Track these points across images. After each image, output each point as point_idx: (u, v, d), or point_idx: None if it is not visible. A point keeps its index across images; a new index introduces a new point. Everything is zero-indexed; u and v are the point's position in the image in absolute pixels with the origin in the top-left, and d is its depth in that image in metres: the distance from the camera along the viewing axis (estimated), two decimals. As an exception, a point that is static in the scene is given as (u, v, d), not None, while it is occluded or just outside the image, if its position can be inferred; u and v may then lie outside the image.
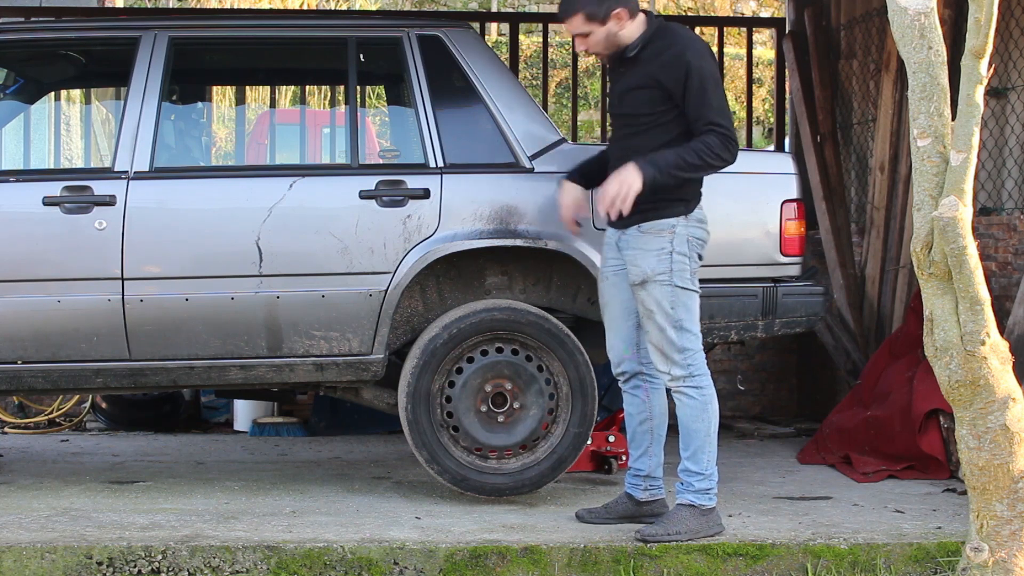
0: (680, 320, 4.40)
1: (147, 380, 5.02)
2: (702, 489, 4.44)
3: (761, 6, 19.88)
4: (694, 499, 4.44)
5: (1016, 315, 5.61)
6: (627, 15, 4.42)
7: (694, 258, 4.45)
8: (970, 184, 3.70)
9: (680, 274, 4.40)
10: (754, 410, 8.08)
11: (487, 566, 4.29)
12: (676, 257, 4.40)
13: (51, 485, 5.38)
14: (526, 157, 5.07)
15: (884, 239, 7.12)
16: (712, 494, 4.46)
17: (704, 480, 4.45)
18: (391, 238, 4.97)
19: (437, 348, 4.92)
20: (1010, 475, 3.80)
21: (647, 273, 4.40)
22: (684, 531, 4.39)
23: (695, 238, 4.45)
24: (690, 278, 4.43)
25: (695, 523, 4.41)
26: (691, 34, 4.51)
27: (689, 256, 4.42)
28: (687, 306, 4.42)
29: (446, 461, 4.94)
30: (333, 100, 9.66)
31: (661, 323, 4.40)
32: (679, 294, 4.40)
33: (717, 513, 4.48)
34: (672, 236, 4.40)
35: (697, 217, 4.47)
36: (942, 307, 3.79)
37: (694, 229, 4.44)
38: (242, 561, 4.27)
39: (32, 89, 6.11)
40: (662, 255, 4.39)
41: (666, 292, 4.39)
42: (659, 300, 4.40)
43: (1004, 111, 6.33)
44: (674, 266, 4.40)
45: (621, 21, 4.43)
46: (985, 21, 3.59)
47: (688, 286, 4.42)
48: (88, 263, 4.92)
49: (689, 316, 4.42)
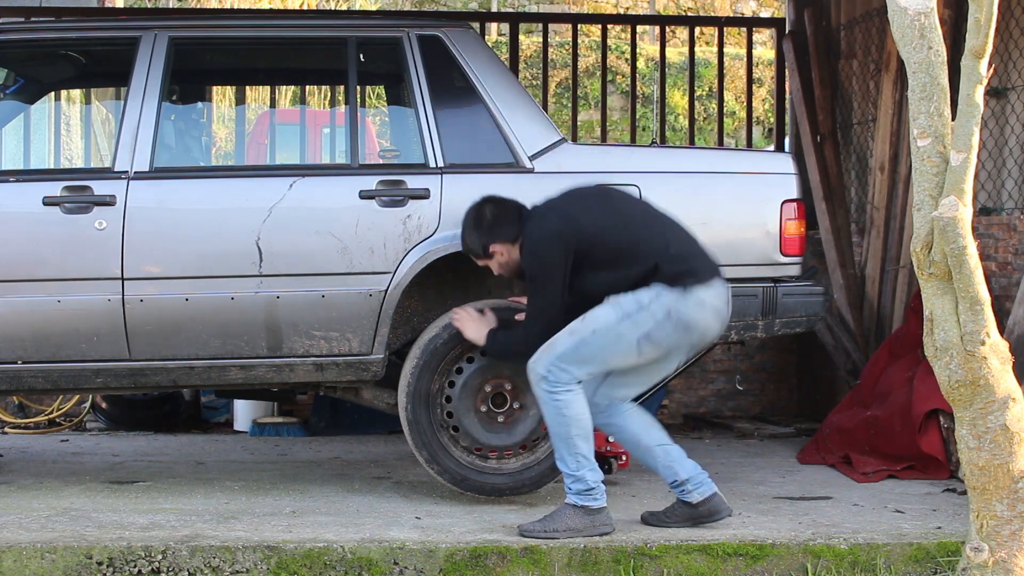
0: (586, 347, 4.41)
1: (147, 380, 5.02)
2: (579, 490, 4.47)
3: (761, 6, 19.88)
4: (575, 499, 4.47)
5: (1016, 315, 5.61)
6: (504, 248, 4.63)
7: (662, 332, 4.42)
8: (970, 184, 3.70)
9: (633, 326, 4.40)
10: (754, 410, 8.07)
11: (487, 566, 4.29)
12: (644, 314, 4.41)
13: (51, 485, 5.38)
14: (526, 157, 5.07)
15: (884, 239, 7.12)
16: (594, 495, 4.47)
17: (576, 481, 4.47)
18: (391, 238, 4.97)
19: (437, 348, 4.92)
20: (1010, 475, 3.80)
21: (617, 298, 4.44)
22: (563, 529, 4.42)
23: (679, 314, 4.42)
24: (636, 341, 4.41)
25: (577, 522, 4.44)
26: (530, 228, 4.55)
27: (656, 321, 4.41)
28: (603, 348, 4.42)
29: (446, 461, 4.94)
30: (333, 100, 9.66)
31: (574, 329, 4.43)
32: (611, 334, 4.41)
33: (607, 514, 4.49)
34: (654, 298, 4.42)
35: (698, 297, 4.44)
36: (942, 307, 3.79)
37: (683, 304, 4.42)
38: (242, 561, 4.27)
39: (32, 89, 6.11)
40: (639, 298, 4.42)
41: (609, 317, 4.41)
42: (596, 316, 4.43)
43: (1004, 111, 6.33)
44: (637, 316, 4.40)
45: (503, 254, 4.64)
46: (985, 21, 3.59)
47: (627, 343, 4.41)
48: (88, 263, 4.92)
49: (592, 358, 4.42)
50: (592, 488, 4.47)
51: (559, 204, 4.60)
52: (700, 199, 5.12)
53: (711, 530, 4.56)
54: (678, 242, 4.53)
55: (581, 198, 4.65)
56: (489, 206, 4.66)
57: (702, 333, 4.50)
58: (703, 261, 4.52)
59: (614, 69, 17.05)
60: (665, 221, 4.61)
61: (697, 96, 16.79)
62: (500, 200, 4.69)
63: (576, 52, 9.02)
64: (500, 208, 4.65)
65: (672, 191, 5.10)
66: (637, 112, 9.49)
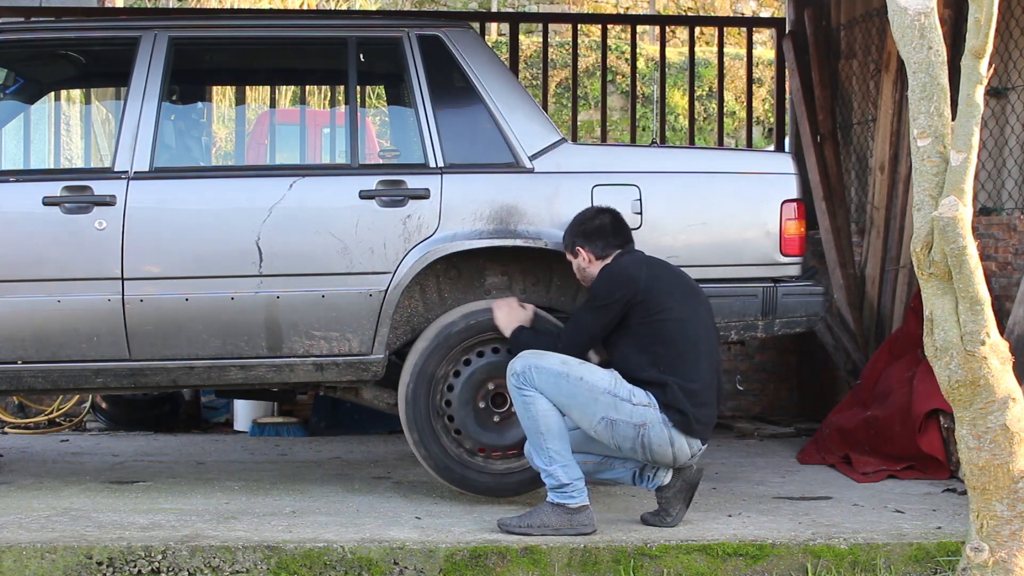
0: (564, 383, 4.48)
1: (147, 380, 5.02)
2: (552, 487, 4.50)
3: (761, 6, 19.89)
4: (552, 497, 4.51)
5: (1016, 315, 5.61)
6: (590, 256, 4.73)
7: (624, 430, 4.49)
8: (970, 184, 3.70)
9: (610, 405, 4.48)
10: (754, 410, 8.08)
11: (487, 566, 4.29)
12: (627, 406, 4.49)
13: (51, 485, 5.39)
14: (526, 157, 5.08)
15: (884, 239, 7.12)
16: (570, 492, 4.48)
17: (549, 477, 4.51)
18: (391, 238, 4.97)
19: (451, 335, 4.93)
20: (1010, 475, 3.80)
21: (619, 376, 4.54)
22: (537, 525, 4.46)
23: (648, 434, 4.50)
24: (601, 417, 4.48)
25: (554, 520, 4.46)
26: (623, 261, 4.67)
27: (627, 420, 4.48)
28: (573, 396, 4.48)
29: (433, 447, 4.96)
30: (333, 100, 9.66)
31: (568, 362, 4.53)
32: (590, 394, 4.48)
33: (588, 513, 4.49)
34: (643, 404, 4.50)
35: (673, 438, 4.52)
36: (942, 307, 3.79)
37: (656, 431, 4.50)
38: (242, 561, 4.27)
39: (32, 89, 6.11)
40: (634, 392, 4.51)
41: (601, 382, 4.50)
42: (593, 371, 4.52)
43: (1004, 111, 6.33)
44: (620, 402, 4.49)
45: (586, 259, 4.75)
46: (985, 21, 3.59)
47: (593, 410, 4.48)
48: (88, 263, 4.92)
49: (560, 393, 4.48)
50: (566, 485, 4.48)
51: (656, 267, 4.67)
52: (700, 199, 5.13)
53: (711, 530, 4.57)
54: (702, 382, 4.56)
55: (675, 280, 4.68)
56: (607, 216, 4.76)
57: (656, 459, 4.59)
58: (704, 413, 4.56)
59: (614, 69, 17.06)
60: (712, 354, 4.65)
61: (697, 96, 16.79)
62: (620, 220, 4.77)
63: (576, 52, 9.02)
64: (613, 225, 4.74)
65: (672, 191, 5.11)
66: (637, 112, 9.49)
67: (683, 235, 5.08)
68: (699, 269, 5.03)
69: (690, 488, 4.65)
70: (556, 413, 4.51)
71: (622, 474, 4.73)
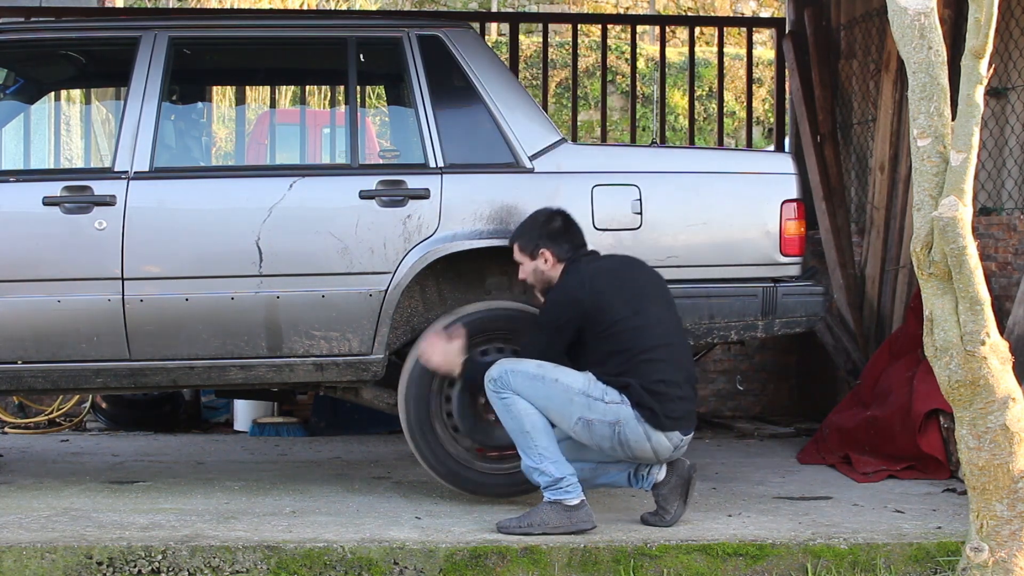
0: (540, 385, 4.50)
1: (147, 380, 5.02)
2: (546, 484, 4.50)
3: (761, 6, 19.89)
4: (548, 495, 4.51)
5: (1016, 315, 5.61)
6: (552, 260, 4.69)
7: (601, 430, 4.50)
8: (970, 184, 3.70)
9: (585, 406, 4.49)
10: (754, 410, 8.08)
11: (487, 566, 4.29)
12: (600, 405, 4.50)
13: (51, 485, 5.39)
14: (526, 157, 5.08)
15: (884, 239, 7.12)
16: (566, 488, 4.49)
17: (541, 475, 4.51)
18: (391, 238, 4.97)
19: (474, 323, 4.91)
20: (1010, 475, 3.80)
21: (593, 377, 4.53)
22: (538, 524, 4.46)
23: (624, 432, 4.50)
24: (577, 418, 4.50)
25: (554, 518, 4.47)
26: (570, 275, 4.66)
27: (602, 419, 4.49)
28: (550, 399, 4.50)
29: (426, 431, 4.95)
30: (333, 100, 9.65)
31: (544, 366, 4.54)
32: (565, 396, 4.50)
33: (586, 510, 4.50)
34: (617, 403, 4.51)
35: (648, 434, 4.51)
36: (942, 307, 3.79)
37: (631, 428, 4.50)
38: (242, 561, 4.27)
39: (32, 89, 6.11)
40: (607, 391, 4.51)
41: (575, 384, 4.51)
42: (567, 373, 4.53)
43: (1004, 111, 6.33)
44: (594, 402, 4.49)
45: (547, 261, 4.70)
46: (985, 21, 3.59)
47: (570, 412, 4.50)
48: (88, 263, 4.92)
49: (537, 396, 4.49)
50: (559, 480, 4.48)
51: (599, 278, 4.62)
52: (700, 199, 5.12)
53: (711, 530, 4.57)
54: (667, 379, 4.54)
55: (621, 286, 4.63)
56: (565, 218, 4.75)
57: (637, 456, 4.59)
58: (673, 407, 4.54)
59: (614, 69, 17.06)
60: (676, 348, 4.63)
61: (697, 96, 16.79)
62: (574, 220, 4.76)
63: (576, 52, 9.02)
64: (572, 228, 4.74)
65: (672, 191, 5.11)
66: (637, 112, 9.49)
67: (683, 235, 5.08)
68: (699, 269, 5.04)
69: (685, 483, 4.64)
70: (537, 411, 4.52)
71: (617, 477, 4.72)
